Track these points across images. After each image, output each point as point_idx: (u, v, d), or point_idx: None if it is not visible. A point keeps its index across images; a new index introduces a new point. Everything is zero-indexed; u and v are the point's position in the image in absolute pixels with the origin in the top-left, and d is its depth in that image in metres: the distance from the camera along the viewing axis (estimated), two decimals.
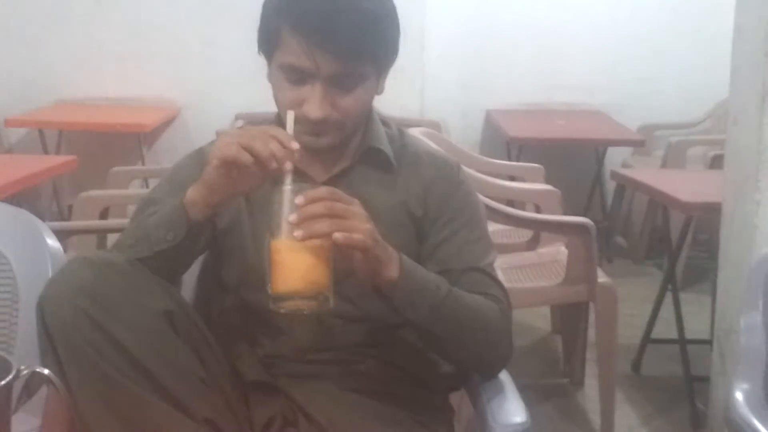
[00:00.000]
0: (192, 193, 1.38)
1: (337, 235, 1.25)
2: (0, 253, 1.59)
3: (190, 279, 1.58)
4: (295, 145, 1.30)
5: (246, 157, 1.29)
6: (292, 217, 1.25)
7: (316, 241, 1.25)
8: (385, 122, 1.61)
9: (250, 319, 1.52)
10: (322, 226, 1.25)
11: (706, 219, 3.70)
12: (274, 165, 1.28)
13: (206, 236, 1.45)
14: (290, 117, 1.38)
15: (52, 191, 4.81)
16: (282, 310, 1.28)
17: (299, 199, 1.26)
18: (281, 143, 1.29)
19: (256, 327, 1.52)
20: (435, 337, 1.45)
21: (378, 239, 1.31)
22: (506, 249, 3.19)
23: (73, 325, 1.27)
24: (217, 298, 1.59)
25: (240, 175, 1.32)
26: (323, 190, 1.30)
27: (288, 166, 1.29)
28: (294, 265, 1.26)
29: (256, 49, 1.49)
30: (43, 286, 1.32)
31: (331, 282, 1.28)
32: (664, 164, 4.54)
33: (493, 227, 3.17)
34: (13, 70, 5.02)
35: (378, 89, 1.51)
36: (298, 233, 1.24)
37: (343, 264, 1.30)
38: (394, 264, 1.35)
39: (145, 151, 4.85)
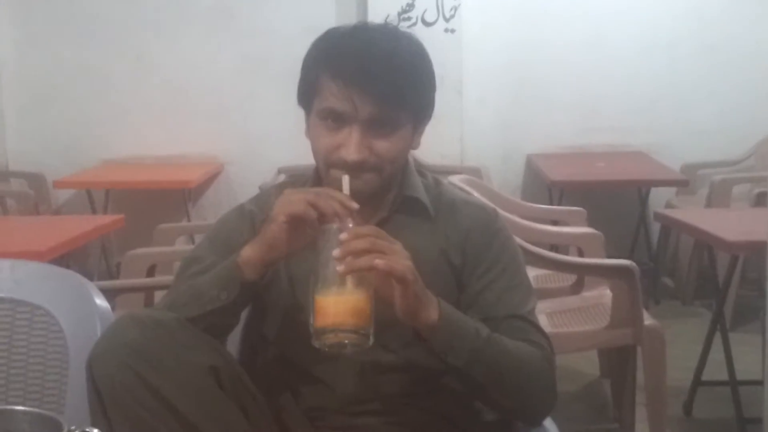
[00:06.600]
0: (248, 252, 1.41)
1: (378, 261, 1.28)
2: (50, 314, 1.62)
3: (234, 332, 1.60)
4: (355, 205, 1.37)
5: (312, 213, 1.35)
6: (336, 252, 1.29)
7: (359, 277, 1.29)
8: (420, 172, 1.64)
9: (293, 371, 1.54)
10: (364, 260, 1.28)
11: (754, 257, 3.64)
12: (336, 221, 1.34)
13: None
14: (345, 181, 1.43)
15: (101, 249, 4.89)
16: (323, 345, 1.31)
17: (344, 235, 1.30)
18: (341, 203, 1.36)
19: (298, 380, 1.54)
20: (477, 383, 1.45)
21: (417, 277, 1.33)
22: (550, 293, 3.17)
23: (122, 383, 1.30)
24: (260, 351, 1.61)
25: (298, 232, 1.38)
26: (367, 228, 1.35)
27: (348, 223, 1.34)
28: (337, 300, 1.29)
29: (295, 102, 1.54)
30: (92, 345, 1.36)
31: (372, 319, 1.31)
32: (709, 203, 4.48)
33: (536, 272, 3.18)
34: (59, 133, 5.15)
35: (413, 143, 1.54)
36: (340, 267, 1.28)
37: (385, 313, 1.32)
38: (433, 307, 1.37)
39: (190, 207, 4.93)
